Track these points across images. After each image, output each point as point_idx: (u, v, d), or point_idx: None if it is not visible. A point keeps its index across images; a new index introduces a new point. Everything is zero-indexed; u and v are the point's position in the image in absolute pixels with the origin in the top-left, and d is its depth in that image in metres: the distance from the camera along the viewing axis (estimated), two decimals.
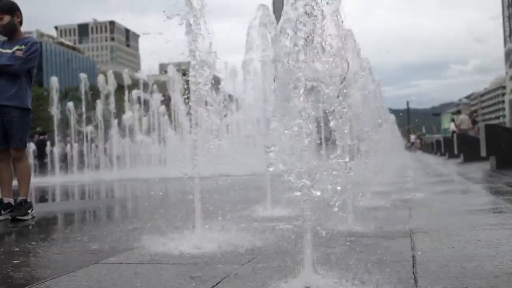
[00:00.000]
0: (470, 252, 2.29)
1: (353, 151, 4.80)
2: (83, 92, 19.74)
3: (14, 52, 4.56)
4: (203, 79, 2.82)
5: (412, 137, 56.62)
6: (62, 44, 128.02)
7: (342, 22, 1.76)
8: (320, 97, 1.76)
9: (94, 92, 21.69)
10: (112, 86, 20.48)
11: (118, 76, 23.86)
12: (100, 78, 22.03)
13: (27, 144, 4.83)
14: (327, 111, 1.77)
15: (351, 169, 3.38)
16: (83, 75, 20.31)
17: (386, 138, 9.63)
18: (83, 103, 20.28)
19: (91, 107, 20.26)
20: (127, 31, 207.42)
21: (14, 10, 4.67)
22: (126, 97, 23.54)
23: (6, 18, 4.60)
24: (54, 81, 19.94)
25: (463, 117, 23.32)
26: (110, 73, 21.91)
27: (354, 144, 4.27)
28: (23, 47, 4.59)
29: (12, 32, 4.65)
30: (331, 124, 1.82)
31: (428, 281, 1.82)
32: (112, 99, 20.10)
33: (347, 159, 3.37)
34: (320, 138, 1.85)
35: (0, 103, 4.51)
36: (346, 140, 3.52)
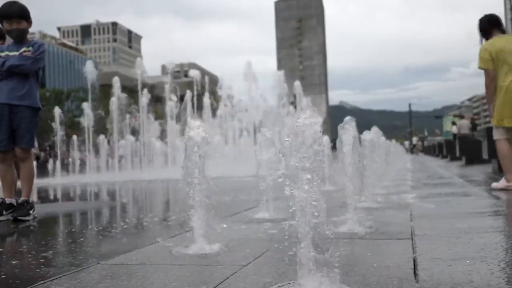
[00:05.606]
0: (472, 255, 2.29)
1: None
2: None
3: (21, 53, 4.60)
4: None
5: (414, 139, 56.67)
6: (64, 45, 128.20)
7: None
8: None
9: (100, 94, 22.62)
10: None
11: (122, 78, 24.28)
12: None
13: (35, 145, 4.86)
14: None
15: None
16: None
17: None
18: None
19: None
20: (129, 32, 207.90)
21: (30, 17, 4.74)
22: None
23: (24, 24, 4.65)
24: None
25: (463, 122, 23.38)
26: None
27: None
28: (30, 48, 4.65)
29: (23, 38, 4.70)
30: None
31: (429, 284, 1.82)
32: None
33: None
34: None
35: (11, 103, 4.56)
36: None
